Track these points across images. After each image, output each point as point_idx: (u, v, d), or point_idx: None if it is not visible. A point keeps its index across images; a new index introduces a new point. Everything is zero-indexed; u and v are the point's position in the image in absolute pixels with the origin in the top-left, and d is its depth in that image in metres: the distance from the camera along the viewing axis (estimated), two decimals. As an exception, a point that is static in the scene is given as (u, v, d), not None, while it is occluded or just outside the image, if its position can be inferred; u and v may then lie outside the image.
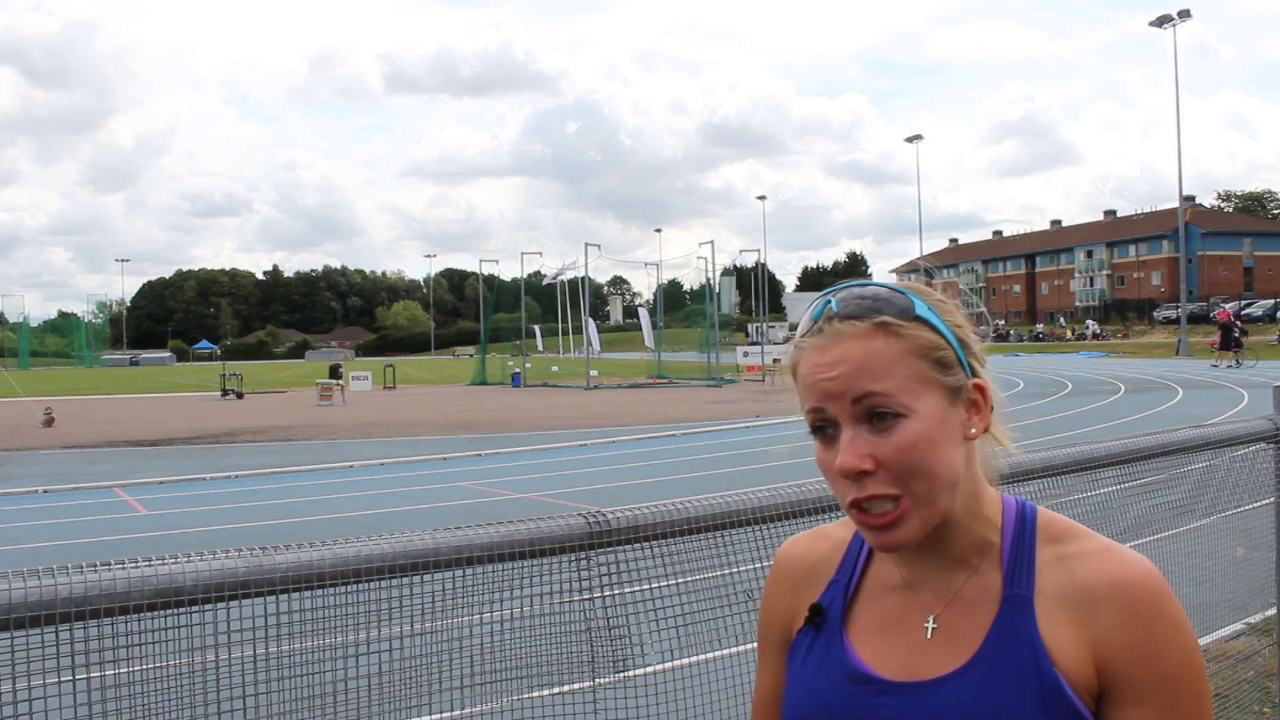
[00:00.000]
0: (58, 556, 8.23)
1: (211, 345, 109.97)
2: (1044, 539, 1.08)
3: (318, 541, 1.56)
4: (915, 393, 1.02)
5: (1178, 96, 62.63)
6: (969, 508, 1.08)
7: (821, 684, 1.11)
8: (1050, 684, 1.00)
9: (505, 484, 13.18)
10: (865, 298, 1.05)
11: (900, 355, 1.03)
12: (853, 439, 1.02)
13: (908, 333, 1.04)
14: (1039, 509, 1.11)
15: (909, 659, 1.08)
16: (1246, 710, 3.59)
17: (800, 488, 2.02)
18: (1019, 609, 1.04)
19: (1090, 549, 1.06)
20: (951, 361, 1.05)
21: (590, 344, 44.67)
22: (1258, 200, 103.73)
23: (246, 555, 1.48)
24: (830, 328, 1.05)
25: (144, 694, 1.48)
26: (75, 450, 18.49)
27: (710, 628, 1.98)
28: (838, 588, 1.16)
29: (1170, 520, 3.01)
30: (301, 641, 1.58)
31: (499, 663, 1.79)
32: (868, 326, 1.03)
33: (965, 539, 1.08)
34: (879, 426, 1.01)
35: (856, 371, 1.02)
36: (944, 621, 1.08)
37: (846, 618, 1.14)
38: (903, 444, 1.01)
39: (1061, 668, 1.01)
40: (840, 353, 1.03)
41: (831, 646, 1.12)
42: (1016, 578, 1.06)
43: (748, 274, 75.82)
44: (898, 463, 1.01)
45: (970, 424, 1.06)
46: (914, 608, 1.10)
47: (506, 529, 1.70)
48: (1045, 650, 1.02)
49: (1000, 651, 1.03)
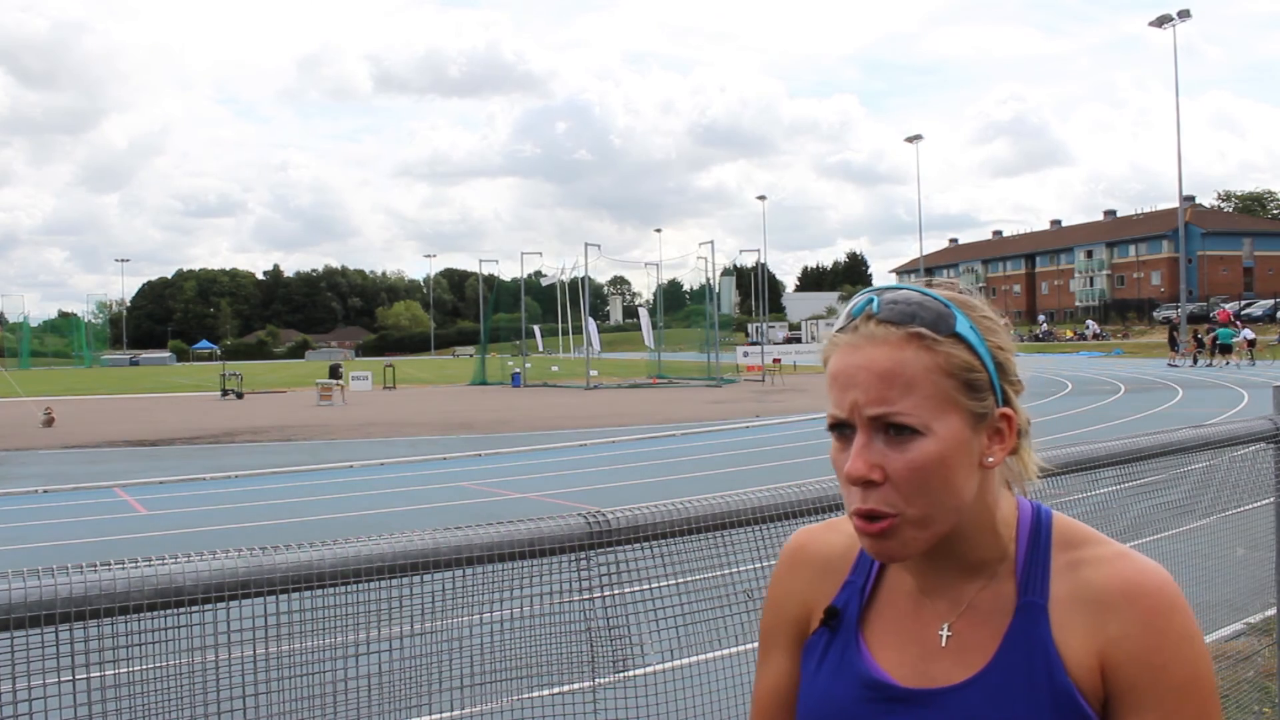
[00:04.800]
0: (58, 556, 8.23)
1: (211, 345, 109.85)
2: (1059, 545, 1.06)
3: (318, 541, 1.56)
4: (936, 412, 1.00)
5: (1178, 96, 62.74)
6: (980, 520, 1.06)
7: (837, 690, 1.10)
8: (1063, 693, 1.00)
9: (505, 484, 13.18)
10: (906, 304, 1.02)
11: (928, 371, 1.00)
12: (865, 446, 1.00)
13: (941, 349, 1.00)
14: (1055, 514, 1.10)
15: (923, 666, 1.07)
16: (1246, 710, 3.59)
17: (800, 488, 2.02)
18: (1033, 617, 1.03)
19: (1104, 554, 1.04)
20: (983, 385, 1.02)
21: (590, 344, 44.64)
22: (1257, 200, 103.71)
23: (246, 555, 1.48)
24: (865, 328, 1.02)
25: (144, 694, 1.48)
26: (75, 450, 18.49)
27: (710, 628, 1.97)
28: (853, 589, 1.15)
29: (1170, 520, 3.01)
30: (301, 641, 1.58)
31: (499, 663, 1.79)
32: (902, 335, 1.00)
33: (978, 549, 1.06)
34: (894, 439, 0.99)
35: (880, 380, 0.99)
36: (958, 630, 1.07)
37: (862, 621, 1.13)
38: (914, 462, 0.99)
39: (1073, 675, 1.00)
40: (869, 356, 1.01)
41: (847, 652, 1.11)
42: (1031, 586, 1.04)
43: (747, 274, 75.86)
44: (905, 479, 0.99)
45: (989, 453, 1.03)
46: (929, 615, 1.09)
47: (506, 529, 1.70)
48: (1059, 659, 1.01)
49: (1014, 660, 1.02)
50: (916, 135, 70.48)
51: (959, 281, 1.11)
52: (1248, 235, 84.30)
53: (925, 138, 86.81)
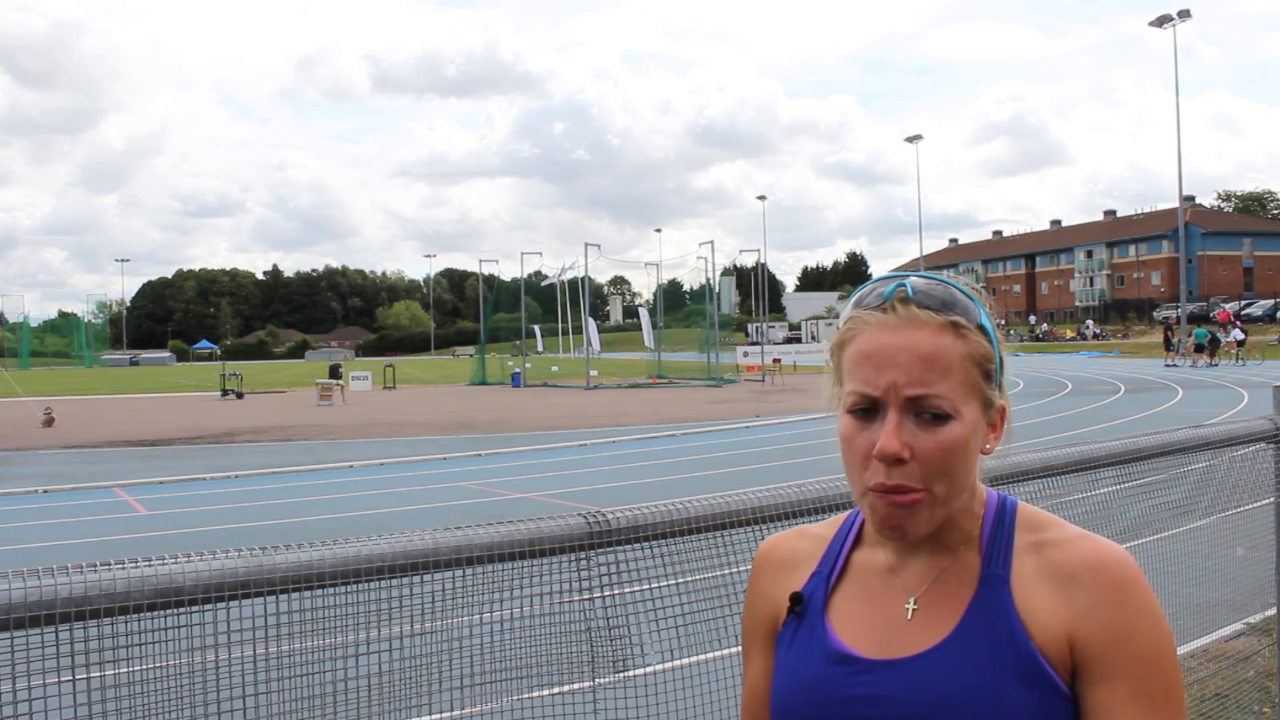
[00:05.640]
0: (58, 556, 8.23)
1: (211, 345, 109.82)
2: (1023, 527, 1.11)
3: (318, 541, 1.56)
4: (965, 398, 1.05)
5: (1178, 97, 62.54)
6: (966, 504, 1.10)
7: (803, 666, 1.12)
8: (1027, 657, 1.02)
9: (505, 484, 13.19)
10: (943, 292, 1.07)
11: (962, 358, 1.05)
12: (898, 425, 1.03)
13: (972, 338, 1.06)
14: (1019, 503, 1.15)
15: (889, 639, 1.09)
16: (1246, 710, 3.59)
17: (800, 488, 2.01)
18: (996, 587, 1.07)
19: (1067, 535, 1.09)
20: (994, 376, 1.08)
21: (590, 344, 44.66)
22: (1258, 200, 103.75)
23: (246, 555, 1.48)
24: (905, 311, 1.05)
25: (144, 694, 1.48)
26: (75, 450, 18.49)
27: (710, 628, 1.98)
28: (819, 578, 1.18)
29: (1170, 520, 3.01)
30: (301, 641, 1.58)
31: (499, 663, 1.79)
32: (942, 321, 1.05)
33: (953, 531, 1.11)
34: (925, 421, 1.03)
35: (923, 362, 1.03)
36: (924, 603, 1.10)
37: (828, 604, 1.15)
38: (945, 444, 1.03)
39: (1039, 643, 1.03)
40: (912, 339, 1.04)
41: (814, 631, 1.14)
42: (994, 560, 1.09)
43: (747, 274, 75.87)
44: (934, 460, 1.03)
45: (987, 439, 1.09)
46: (896, 591, 1.12)
47: (506, 529, 1.70)
48: (1022, 625, 1.04)
49: (977, 628, 1.05)
50: (917, 135, 70.47)
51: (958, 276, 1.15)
52: (1248, 235, 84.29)
53: (925, 138, 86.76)
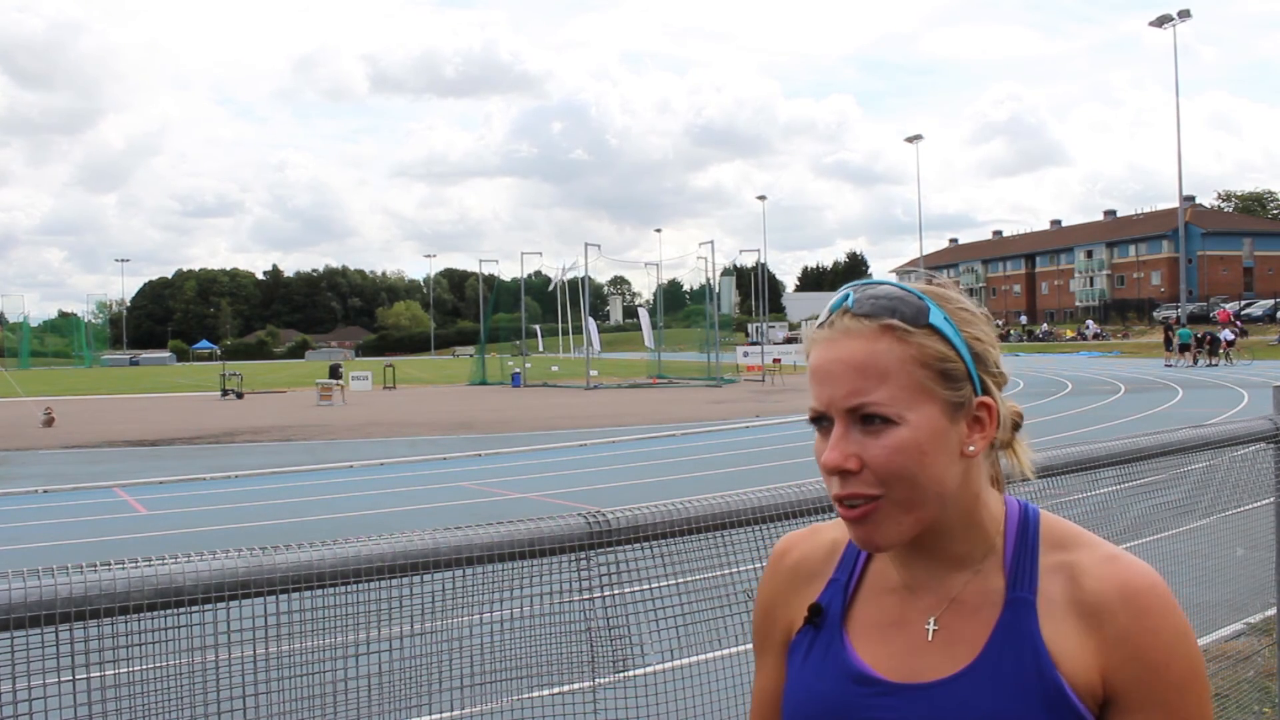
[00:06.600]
0: (58, 556, 8.23)
1: (211, 345, 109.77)
2: (1047, 544, 1.07)
3: (318, 541, 1.56)
4: (910, 402, 1.02)
5: (1178, 97, 62.66)
6: (966, 513, 1.07)
7: (822, 684, 1.10)
8: (1053, 688, 1.00)
9: (505, 484, 13.19)
10: (880, 298, 1.04)
11: (902, 362, 1.02)
12: (842, 437, 1.02)
13: (914, 340, 1.03)
14: (1042, 513, 1.11)
15: (910, 660, 1.07)
16: (1246, 710, 3.59)
17: (800, 488, 2.02)
18: (1022, 612, 1.04)
19: (1095, 558, 1.05)
20: (959, 375, 1.04)
21: (590, 344, 44.65)
22: (1258, 200, 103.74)
23: (246, 555, 1.48)
24: (841, 323, 1.05)
25: (144, 694, 1.48)
26: (75, 450, 18.49)
27: (710, 628, 1.98)
28: (836, 587, 1.16)
29: (1170, 520, 3.01)
30: (301, 641, 1.58)
31: (499, 663, 1.79)
32: (875, 328, 1.03)
33: (963, 543, 1.08)
34: (870, 429, 1.02)
35: (855, 372, 1.02)
36: (945, 623, 1.07)
37: (846, 617, 1.13)
38: (889, 448, 1.01)
39: (1065, 673, 1.01)
40: (844, 350, 1.03)
41: (832, 646, 1.12)
42: (1019, 581, 1.05)
43: (747, 274, 75.84)
44: (884, 466, 1.01)
45: (970, 441, 1.05)
46: (914, 609, 1.09)
47: (506, 529, 1.70)
48: (1048, 654, 1.01)
49: (1003, 654, 1.03)
50: (916, 135, 70.52)
51: (944, 277, 1.13)
52: (1248, 235, 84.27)
53: (924, 138, 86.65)
